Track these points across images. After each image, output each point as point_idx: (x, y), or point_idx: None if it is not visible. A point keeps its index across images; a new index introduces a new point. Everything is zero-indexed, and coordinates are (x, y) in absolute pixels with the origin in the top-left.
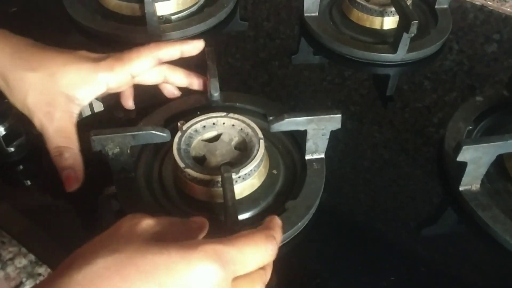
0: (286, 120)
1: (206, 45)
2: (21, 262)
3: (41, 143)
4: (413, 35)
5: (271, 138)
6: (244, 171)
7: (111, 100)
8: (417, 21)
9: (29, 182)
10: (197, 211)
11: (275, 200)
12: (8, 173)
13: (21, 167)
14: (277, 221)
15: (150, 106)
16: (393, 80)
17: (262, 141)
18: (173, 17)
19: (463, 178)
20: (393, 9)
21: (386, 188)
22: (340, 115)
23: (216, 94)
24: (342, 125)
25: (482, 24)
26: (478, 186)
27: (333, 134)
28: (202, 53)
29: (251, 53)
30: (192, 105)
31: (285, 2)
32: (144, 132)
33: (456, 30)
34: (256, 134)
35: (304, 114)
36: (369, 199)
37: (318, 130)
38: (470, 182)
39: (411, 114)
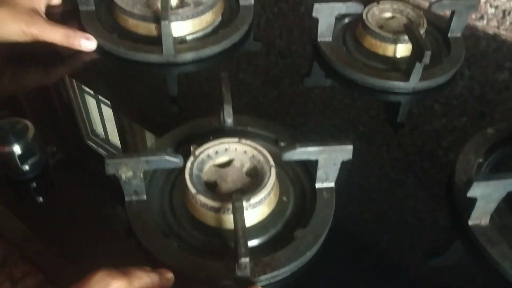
0: (298, 149)
1: (221, 71)
2: (32, 281)
3: (55, 160)
4: (426, 64)
5: (282, 164)
6: (254, 199)
7: None
8: (430, 51)
9: (41, 200)
10: (207, 236)
11: (284, 228)
12: (22, 191)
13: (34, 184)
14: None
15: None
16: (405, 108)
17: (273, 169)
18: (188, 38)
19: (473, 213)
20: (406, 36)
21: (395, 219)
22: (351, 147)
23: (229, 121)
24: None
25: (494, 52)
26: (488, 221)
27: (344, 162)
28: (216, 77)
29: (263, 74)
30: (205, 128)
31: (299, 23)
32: (157, 157)
33: (468, 57)
34: (268, 161)
35: (316, 144)
36: (378, 229)
37: (329, 160)
38: (480, 216)
39: (422, 143)
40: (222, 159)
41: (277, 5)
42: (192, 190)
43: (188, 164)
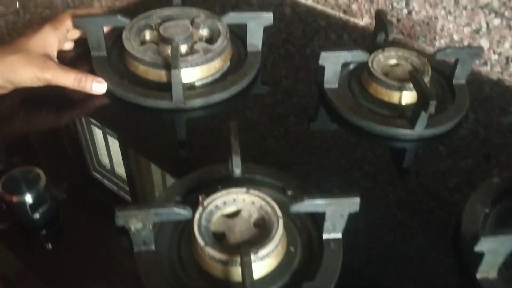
0: (306, 202)
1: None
2: None
3: (65, 208)
4: (431, 113)
5: (289, 213)
6: (262, 252)
7: None
8: (435, 101)
9: (51, 247)
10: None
11: (291, 280)
12: (32, 239)
13: (44, 232)
14: None
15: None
16: (410, 154)
17: (281, 221)
18: (197, 84)
19: (480, 267)
20: (411, 84)
21: (403, 269)
22: (358, 199)
23: (238, 171)
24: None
25: (498, 97)
26: (496, 274)
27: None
28: (225, 122)
29: (269, 112)
30: (213, 176)
31: (304, 64)
32: (167, 209)
33: (472, 100)
34: (275, 213)
35: (323, 197)
36: (385, 281)
37: (337, 212)
38: (487, 270)
39: (428, 184)
40: (230, 209)
41: (284, 46)
42: (201, 242)
43: (197, 215)
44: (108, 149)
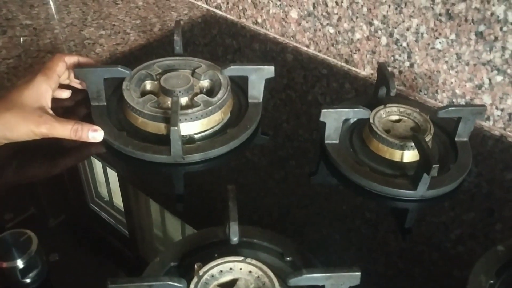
0: (305, 276)
1: (228, 184)
2: None
3: (56, 270)
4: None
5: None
6: None
7: None
8: (438, 165)
9: None
10: None
11: None
12: None
13: None
14: None
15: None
16: (412, 215)
17: None
18: (196, 136)
19: None
20: (413, 143)
21: None
22: (359, 273)
23: (235, 239)
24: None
25: (501, 152)
26: None
27: None
28: (223, 186)
29: (269, 172)
30: (209, 239)
31: (306, 109)
32: (160, 283)
33: (475, 154)
34: (273, 285)
35: (323, 271)
36: None
37: (337, 286)
38: None
39: (430, 235)
40: (227, 278)
41: (285, 92)
42: None
43: (192, 287)
44: (107, 181)
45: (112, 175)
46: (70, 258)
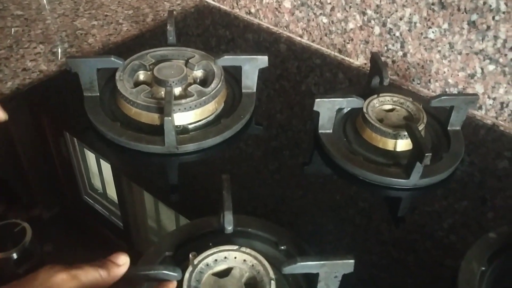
0: (299, 264)
1: (223, 173)
2: None
3: (51, 261)
4: (426, 165)
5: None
6: None
7: None
8: (430, 154)
9: None
10: None
11: None
12: None
13: None
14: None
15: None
16: (405, 203)
17: (273, 282)
18: (190, 127)
19: None
20: (406, 132)
21: None
22: (353, 261)
23: (229, 228)
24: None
25: (493, 141)
26: None
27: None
28: (217, 172)
29: (263, 161)
30: (204, 229)
31: (300, 100)
32: (155, 271)
33: (467, 143)
34: (268, 273)
35: (317, 259)
36: None
37: (331, 273)
38: None
39: (423, 223)
40: (221, 267)
41: (279, 82)
42: None
43: (187, 275)
44: (100, 172)
45: (106, 167)
46: (64, 249)
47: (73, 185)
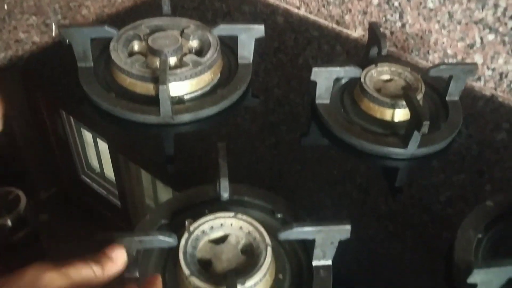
0: (295, 229)
1: (218, 141)
2: None
3: (47, 231)
4: (424, 133)
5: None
6: (250, 282)
7: None
8: (428, 122)
9: None
10: None
11: None
12: (12, 263)
13: (25, 255)
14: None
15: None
16: (403, 173)
17: (269, 248)
18: (186, 97)
19: None
20: (404, 102)
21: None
22: (349, 227)
23: (225, 195)
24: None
25: (491, 112)
26: None
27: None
28: (214, 142)
29: (260, 132)
30: (200, 198)
31: (297, 73)
32: (151, 237)
33: (466, 115)
34: (264, 240)
35: (313, 224)
36: None
37: (327, 239)
38: None
39: (420, 197)
40: (217, 234)
41: (276, 56)
42: (186, 271)
43: (182, 242)
44: (97, 151)
45: (103, 146)
46: (60, 221)
47: (71, 165)
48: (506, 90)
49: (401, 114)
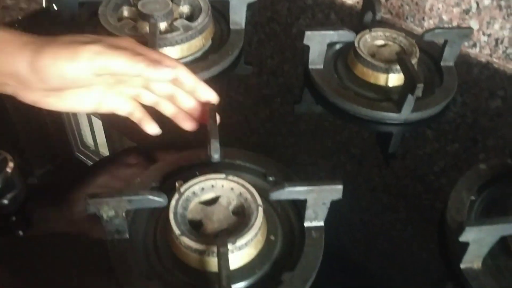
0: (286, 189)
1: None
2: None
3: (36, 193)
4: (418, 97)
5: (270, 200)
6: (241, 242)
7: None
8: (422, 84)
9: (22, 233)
10: (190, 278)
11: (271, 269)
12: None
13: (14, 218)
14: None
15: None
16: (396, 138)
17: (260, 209)
18: None
19: (465, 257)
20: (398, 66)
21: (386, 258)
22: (341, 186)
23: (216, 156)
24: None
25: (487, 79)
26: (480, 264)
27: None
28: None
29: (252, 99)
30: (191, 161)
31: (291, 43)
32: (140, 197)
33: (460, 83)
34: (255, 200)
35: (305, 184)
36: (368, 269)
37: (319, 200)
38: (472, 260)
39: (414, 167)
40: (208, 196)
41: (269, 25)
42: (176, 231)
43: (173, 202)
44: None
45: (97, 123)
46: (49, 184)
47: (65, 143)
48: (502, 57)
49: (395, 79)
